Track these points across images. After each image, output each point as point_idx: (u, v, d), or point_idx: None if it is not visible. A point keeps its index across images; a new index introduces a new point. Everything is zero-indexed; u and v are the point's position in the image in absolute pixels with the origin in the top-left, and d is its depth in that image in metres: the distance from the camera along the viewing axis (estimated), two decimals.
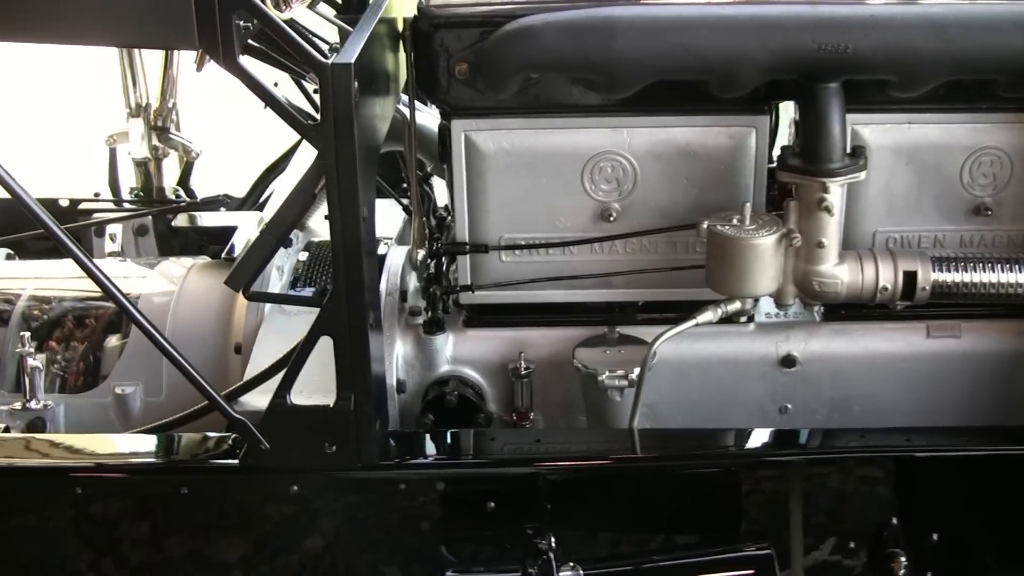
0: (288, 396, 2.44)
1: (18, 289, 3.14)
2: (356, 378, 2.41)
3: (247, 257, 2.38)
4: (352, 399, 2.43)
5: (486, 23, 2.63)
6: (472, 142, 2.70)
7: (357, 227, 2.32)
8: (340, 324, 2.37)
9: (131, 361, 2.93)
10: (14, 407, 2.84)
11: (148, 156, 3.80)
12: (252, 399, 2.62)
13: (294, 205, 2.32)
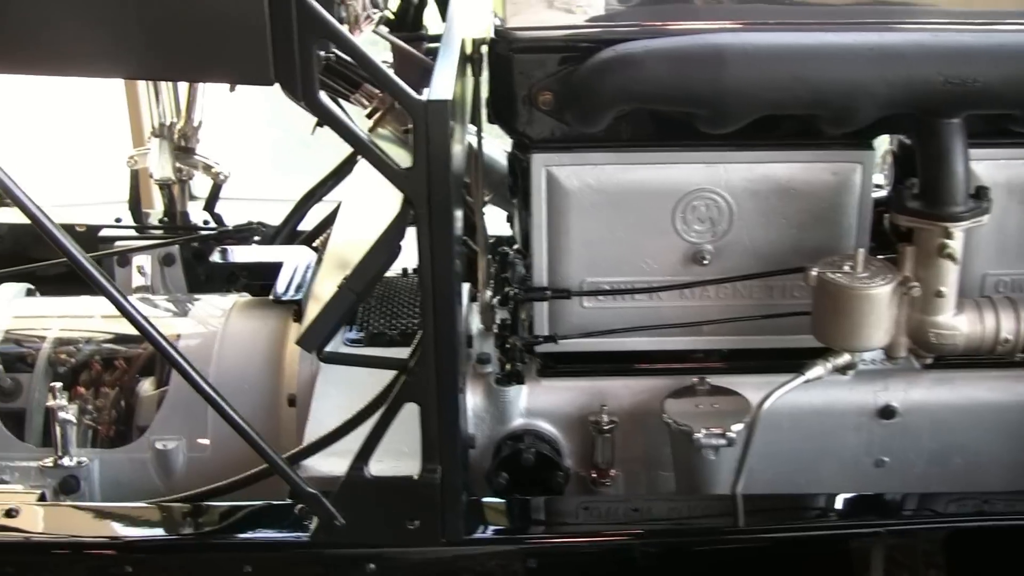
0: (366, 467, 2.15)
1: (42, 330, 2.81)
2: (444, 449, 2.12)
3: (323, 315, 2.07)
4: (439, 471, 2.12)
5: (574, 48, 2.34)
6: (554, 178, 2.42)
7: (451, 285, 2.04)
8: (428, 391, 2.08)
9: (172, 412, 2.62)
10: (45, 464, 2.55)
11: (172, 178, 3.46)
12: (315, 462, 2.30)
13: (377, 258, 2.03)
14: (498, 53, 2.38)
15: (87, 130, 4.82)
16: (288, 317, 2.71)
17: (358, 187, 2.65)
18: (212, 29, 1.89)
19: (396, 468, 2.25)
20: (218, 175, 3.52)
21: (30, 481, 2.55)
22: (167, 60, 1.93)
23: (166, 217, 3.56)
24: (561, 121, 2.37)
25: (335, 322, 2.08)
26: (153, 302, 3.00)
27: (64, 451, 2.53)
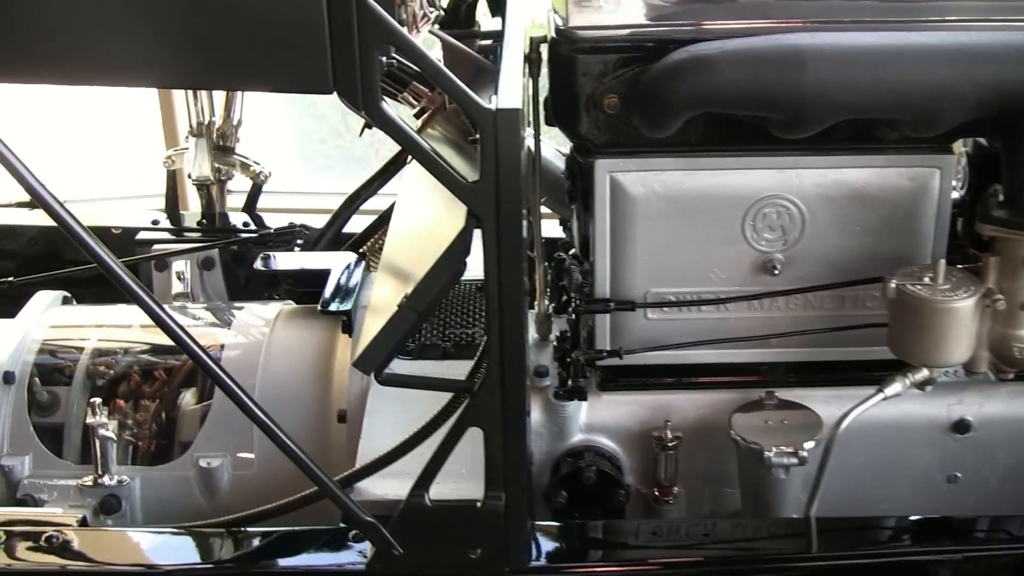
0: (426, 495, 2.01)
1: (79, 340, 2.67)
2: (509, 475, 1.99)
3: (382, 335, 1.93)
4: (503, 497, 2.00)
5: (642, 49, 2.19)
6: (619, 184, 2.28)
7: (519, 304, 1.91)
8: (493, 415, 1.95)
9: (216, 428, 2.49)
10: (84, 483, 2.43)
11: (210, 178, 3.31)
12: (369, 484, 2.18)
13: (440, 276, 1.89)
14: (560, 53, 2.24)
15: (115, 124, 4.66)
16: (336, 328, 2.57)
17: (410, 191, 2.51)
18: (266, 35, 1.75)
19: (455, 491, 2.14)
20: (258, 175, 3.38)
21: (69, 500, 2.43)
22: (218, 69, 1.79)
23: (204, 219, 3.41)
24: (627, 125, 2.23)
25: (395, 343, 1.94)
26: (193, 310, 2.86)
27: (104, 469, 2.41)
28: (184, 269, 2.93)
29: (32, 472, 2.50)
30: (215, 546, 2.19)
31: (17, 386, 2.55)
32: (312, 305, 2.69)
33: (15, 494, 2.48)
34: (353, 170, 5.22)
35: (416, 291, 1.91)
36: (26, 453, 2.51)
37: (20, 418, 2.53)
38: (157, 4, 1.72)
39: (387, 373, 1.98)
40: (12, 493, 2.48)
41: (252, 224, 3.41)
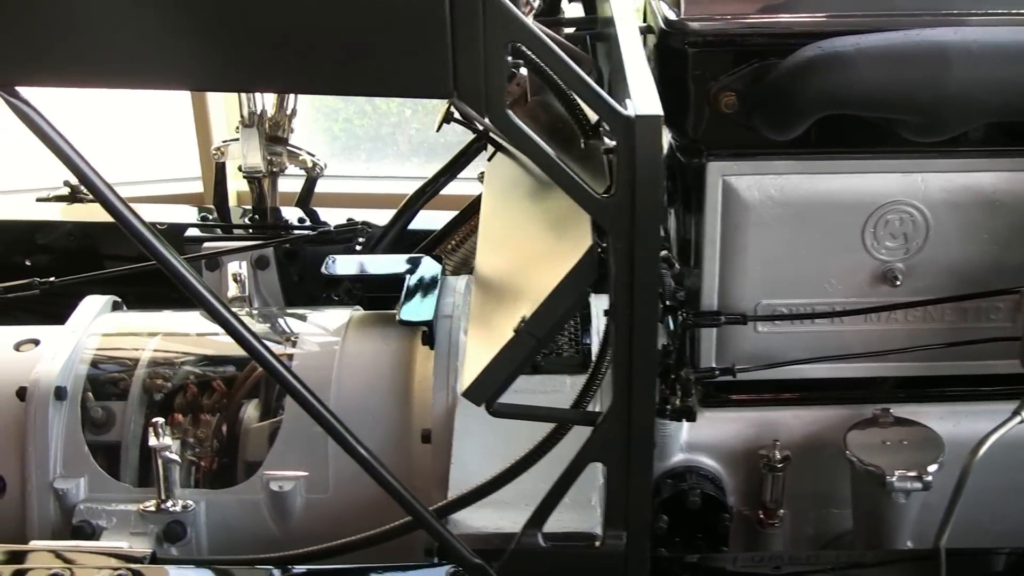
0: (539, 534, 1.79)
1: (134, 350, 2.43)
2: (631, 513, 1.77)
3: (496, 363, 1.71)
4: (624, 536, 1.79)
5: (765, 44, 1.96)
6: (732, 189, 2.07)
7: (653, 333, 1.68)
8: (617, 449, 1.73)
9: (288, 448, 2.26)
10: (147, 508, 2.20)
11: (262, 170, 3.07)
12: (464, 515, 1.95)
13: (563, 299, 1.67)
14: (671, 47, 2.02)
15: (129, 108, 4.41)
16: (413, 337, 2.34)
17: (498, 194, 2.27)
18: (379, 34, 1.52)
19: (498, 520, 1.95)
20: (313, 167, 3.13)
21: (130, 527, 2.20)
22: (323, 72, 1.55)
23: (255, 214, 3.17)
24: (746, 125, 2.01)
25: (511, 371, 1.71)
26: (254, 315, 2.62)
27: (168, 494, 2.18)
28: (241, 270, 2.68)
29: (88, 495, 2.27)
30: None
31: (70, 402, 2.31)
32: (383, 312, 2.46)
33: (70, 519, 2.24)
34: (378, 149, 5.00)
35: (537, 315, 1.69)
36: (81, 475, 2.28)
37: (74, 437, 2.29)
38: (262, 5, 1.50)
39: (499, 404, 1.75)
40: (67, 518, 2.25)
41: (307, 219, 3.17)
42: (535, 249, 1.91)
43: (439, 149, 4.94)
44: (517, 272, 1.93)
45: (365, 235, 2.97)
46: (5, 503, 2.29)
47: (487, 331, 1.85)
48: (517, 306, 1.76)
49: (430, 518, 1.85)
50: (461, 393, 1.75)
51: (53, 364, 2.33)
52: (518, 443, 2.00)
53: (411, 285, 2.40)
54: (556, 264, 1.73)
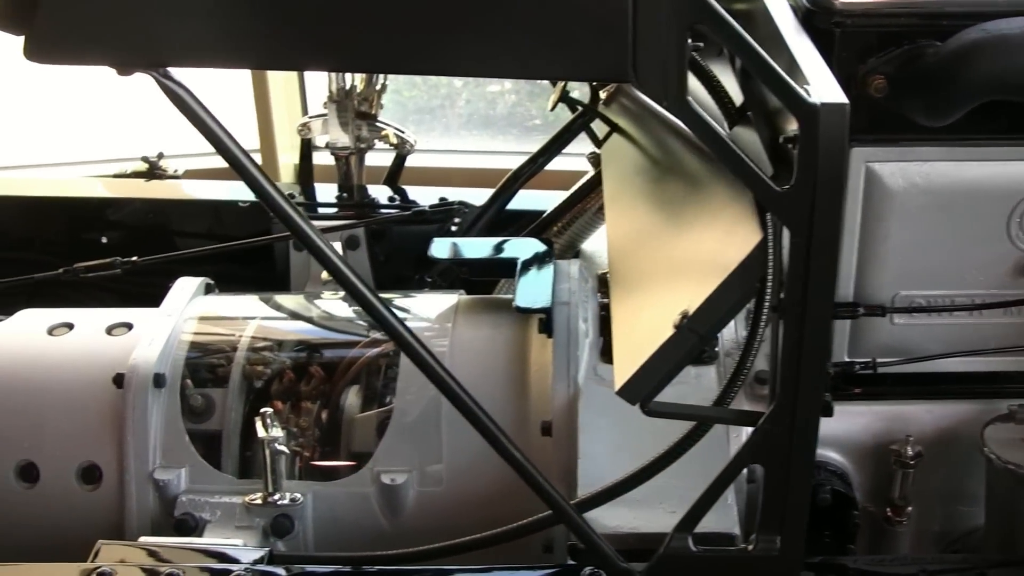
0: (690, 538, 1.70)
1: (230, 335, 2.33)
2: (788, 517, 1.68)
3: (655, 360, 1.61)
4: (777, 541, 1.71)
5: (921, 24, 1.86)
6: (875, 176, 1.97)
7: (827, 333, 1.59)
8: (780, 451, 1.64)
9: (399, 439, 2.16)
10: (252, 501, 2.10)
11: (350, 147, 2.96)
12: (597, 513, 1.85)
13: (730, 295, 1.57)
14: (816, 27, 1.90)
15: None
16: (526, 325, 2.23)
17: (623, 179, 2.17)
18: (557, 13, 1.42)
19: (632, 520, 1.90)
20: (403, 144, 3.02)
21: (234, 520, 2.11)
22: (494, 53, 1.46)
23: (342, 192, 3.06)
24: (896, 110, 1.90)
25: (669, 370, 1.62)
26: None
27: (276, 487, 2.08)
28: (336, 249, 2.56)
29: (189, 487, 2.17)
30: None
31: (169, 389, 2.21)
32: (491, 296, 2.36)
33: (171, 511, 2.14)
34: (425, 121, 4.89)
35: (700, 311, 1.59)
36: (181, 465, 2.18)
37: (173, 426, 2.20)
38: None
39: (655, 403, 1.65)
40: (167, 510, 2.15)
41: (396, 198, 3.06)
42: (682, 240, 1.81)
43: (489, 123, 4.85)
44: (661, 263, 1.83)
45: (460, 215, 2.87)
46: (101, 494, 2.20)
47: (634, 326, 1.76)
48: (668, 300, 1.67)
49: (573, 514, 1.77)
50: (616, 391, 1.65)
51: (151, 350, 2.23)
52: (645, 437, 1.92)
53: (523, 270, 2.29)
54: (716, 257, 1.63)
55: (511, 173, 2.82)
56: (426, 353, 1.68)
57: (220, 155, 1.50)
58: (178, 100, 1.48)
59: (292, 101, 3.94)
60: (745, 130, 1.83)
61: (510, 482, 2.04)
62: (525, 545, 2.03)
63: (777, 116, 1.67)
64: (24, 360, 2.31)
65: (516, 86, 4.75)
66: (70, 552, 1.97)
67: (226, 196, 3.14)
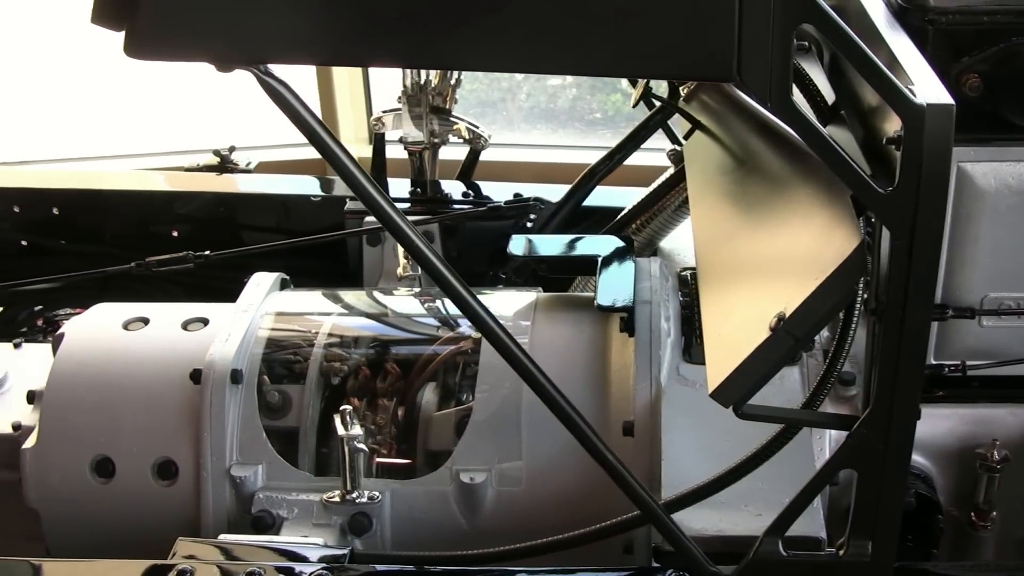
0: (780, 543, 1.68)
1: (307, 331, 2.33)
2: (880, 523, 1.66)
3: (750, 363, 1.59)
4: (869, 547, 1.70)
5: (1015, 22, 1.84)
6: (967, 176, 1.95)
7: (925, 333, 1.56)
8: (874, 456, 1.62)
9: (479, 438, 2.15)
10: (331, 499, 2.09)
11: (424, 142, 2.96)
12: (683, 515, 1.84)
13: (828, 297, 1.55)
14: (909, 24, 1.88)
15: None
16: (606, 323, 2.22)
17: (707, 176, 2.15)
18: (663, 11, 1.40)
19: (717, 522, 1.89)
20: (477, 139, 3.01)
21: (312, 518, 2.10)
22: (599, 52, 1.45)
23: (415, 187, 3.06)
24: (990, 109, 1.88)
25: (764, 373, 1.60)
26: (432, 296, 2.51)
27: (354, 485, 2.08)
28: None
29: (265, 483, 2.16)
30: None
31: (246, 385, 2.21)
32: (569, 294, 2.35)
33: (247, 508, 2.14)
34: (487, 114, 4.89)
35: (798, 314, 1.57)
36: (259, 462, 2.17)
37: (251, 422, 2.19)
38: None
39: (748, 406, 1.63)
40: (244, 507, 2.15)
41: (471, 193, 3.05)
42: (771, 239, 1.79)
43: (551, 116, 4.83)
44: (751, 263, 1.81)
45: (536, 212, 2.86)
46: (177, 489, 2.20)
47: (726, 326, 1.74)
48: (761, 300, 1.65)
49: (663, 515, 1.75)
50: (709, 394, 1.63)
51: (228, 346, 2.22)
52: (728, 438, 1.91)
53: (603, 268, 2.27)
54: (812, 258, 1.61)
55: (588, 169, 2.80)
56: (517, 349, 1.67)
57: (318, 151, 1.49)
58: (277, 96, 1.47)
59: (356, 95, 3.94)
60: (838, 130, 1.81)
61: (589, 482, 2.04)
62: (605, 547, 2.02)
63: (874, 116, 1.65)
64: (100, 355, 2.31)
65: (578, 80, 4.74)
66: (145, 548, 1.98)
67: (298, 191, 3.14)
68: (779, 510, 1.75)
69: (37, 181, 3.35)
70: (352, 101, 3.92)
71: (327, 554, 1.94)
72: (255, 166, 3.34)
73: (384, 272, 2.85)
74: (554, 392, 1.70)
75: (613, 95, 4.72)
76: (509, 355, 1.69)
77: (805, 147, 1.53)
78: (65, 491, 2.23)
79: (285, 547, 1.98)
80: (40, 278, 3.03)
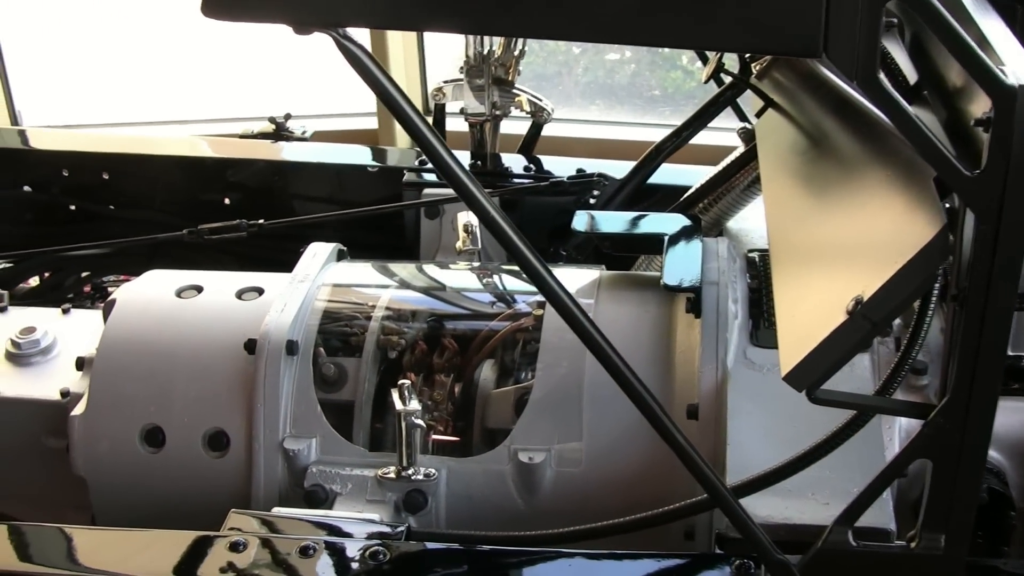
0: (850, 533, 1.69)
1: (364, 304, 2.35)
2: (954, 515, 1.66)
3: (825, 347, 1.59)
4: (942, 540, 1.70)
5: None
6: None
7: (1007, 321, 1.57)
8: (950, 447, 1.62)
9: (539, 416, 2.17)
10: (386, 475, 2.11)
11: (486, 114, 2.97)
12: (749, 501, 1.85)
13: (908, 282, 1.55)
14: (998, 3, 1.86)
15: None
16: (671, 303, 2.23)
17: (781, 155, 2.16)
18: None
19: (783, 510, 1.89)
20: (540, 112, 3.03)
21: (366, 494, 2.13)
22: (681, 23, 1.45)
23: (475, 160, 3.07)
24: None
25: (840, 357, 1.60)
26: (490, 271, 2.53)
27: (410, 461, 2.10)
28: (471, 220, 2.56)
29: (319, 458, 2.19)
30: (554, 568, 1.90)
31: (301, 357, 2.24)
32: (634, 273, 2.36)
33: (300, 482, 2.16)
34: (542, 88, 4.89)
35: (876, 298, 1.57)
36: (312, 435, 2.20)
37: (305, 395, 2.22)
38: None
39: (822, 391, 1.64)
40: (296, 481, 2.18)
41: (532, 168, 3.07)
42: (848, 221, 1.79)
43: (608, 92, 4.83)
44: (826, 245, 1.82)
45: (599, 188, 2.87)
46: (228, 461, 2.23)
47: (800, 309, 1.74)
48: (837, 283, 1.66)
49: (732, 500, 1.77)
50: (782, 377, 1.64)
51: (284, 316, 2.25)
52: (795, 424, 1.92)
53: (670, 247, 2.29)
54: (892, 241, 1.61)
55: (654, 146, 2.81)
56: (590, 325, 1.68)
57: (395, 117, 1.51)
58: (354, 59, 1.49)
59: (411, 64, 3.95)
60: (920, 110, 1.81)
61: (651, 464, 2.05)
62: (665, 532, 2.03)
63: (959, 96, 1.65)
64: (153, 322, 2.34)
65: (636, 55, 4.73)
66: (193, 520, 2.00)
67: (354, 160, 3.16)
68: (847, 500, 1.76)
69: (87, 145, 3.37)
70: (407, 71, 3.93)
71: (382, 530, 1.97)
72: (311, 135, 3.36)
73: (441, 246, 2.87)
74: (625, 369, 1.71)
75: (673, 72, 4.72)
76: (581, 330, 1.69)
77: (884, 127, 1.54)
78: (113, 460, 2.27)
79: (339, 522, 2.00)
80: (89, 243, 3.06)
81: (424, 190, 2.90)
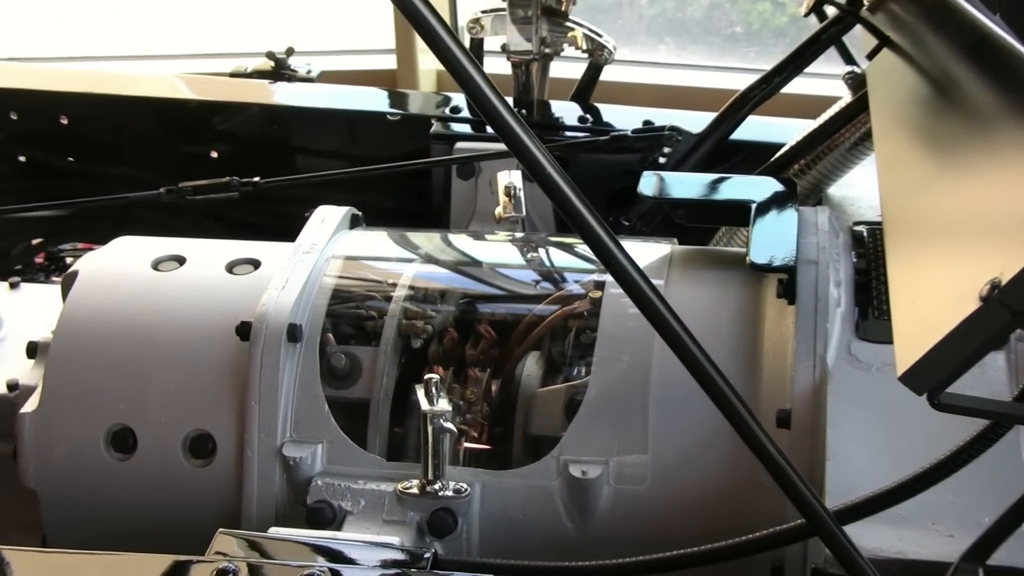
0: (981, 572, 1.71)
1: (383, 282, 2.37)
2: None
3: (953, 339, 1.60)
4: None
5: None
6: None
7: None
8: None
9: (595, 423, 2.17)
10: (407, 490, 2.13)
11: (533, 51, 2.98)
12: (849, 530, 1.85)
13: None
14: None
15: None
16: (759, 286, 2.24)
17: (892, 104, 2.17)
18: None
19: (896, 542, 1.88)
20: (599, 51, 3.03)
21: (382, 513, 2.13)
22: None
23: (520, 108, 3.07)
24: None
25: (971, 353, 1.61)
26: (535, 243, 2.54)
27: (437, 474, 2.11)
28: (513, 181, 2.55)
29: (326, 467, 2.20)
30: None
31: (305, 346, 2.25)
32: (714, 248, 2.37)
33: (302, 497, 2.18)
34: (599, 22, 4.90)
35: (1017, 282, 1.57)
36: (318, 440, 2.22)
37: (310, 391, 2.23)
38: None
39: (946, 394, 1.65)
40: (297, 495, 2.20)
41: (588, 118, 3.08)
42: (980, 189, 1.80)
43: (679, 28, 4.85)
44: (953, 217, 1.82)
45: (671, 144, 2.88)
46: (214, 471, 2.24)
47: (921, 294, 1.75)
48: (967, 264, 1.66)
49: (835, 527, 1.77)
50: (897, 378, 1.65)
51: (285, 295, 2.26)
52: (911, 436, 1.93)
53: (758, 217, 2.29)
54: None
55: (738, 95, 2.82)
56: (665, 308, 1.69)
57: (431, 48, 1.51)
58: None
59: None
60: None
61: (732, 482, 2.07)
62: (748, 564, 2.04)
63: None
64: (123, 300, 2.36)
65: None
66: (172, 540, 2.01)
67: (370, 106, 3.18)
68: (977, 531, 1.77)
69: (41, 82, 3.38)
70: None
71: (402, 558, 1.98)
72: (317, 75, 3.37)
73: (476, 212, 2.88)
74: (708, 365, 1.71)
75: (759, 3, 4.73)
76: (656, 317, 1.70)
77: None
78: (72, 468, 2.28)
79: (349, 547, 2.01)
80: (42, 203, 3.08)
81: (456, 143, 2.92)
